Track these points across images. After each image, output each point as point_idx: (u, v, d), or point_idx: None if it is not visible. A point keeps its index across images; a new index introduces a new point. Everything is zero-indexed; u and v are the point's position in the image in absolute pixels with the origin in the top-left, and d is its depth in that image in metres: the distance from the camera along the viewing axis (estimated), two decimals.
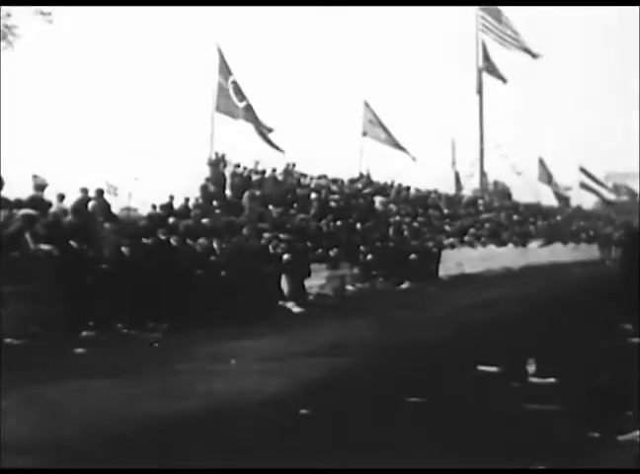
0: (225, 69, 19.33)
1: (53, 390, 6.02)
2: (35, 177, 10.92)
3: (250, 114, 19.43)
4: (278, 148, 20.20)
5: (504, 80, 31.34)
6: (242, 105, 19.21)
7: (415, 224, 20.58)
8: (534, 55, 30.67)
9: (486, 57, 31.04)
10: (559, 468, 4.25)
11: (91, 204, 11.35)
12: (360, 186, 22.32)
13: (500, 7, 30.31)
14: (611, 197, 37.22)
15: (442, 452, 4.44)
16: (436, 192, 26.11)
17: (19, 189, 10.59)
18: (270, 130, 19.78)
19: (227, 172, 17.50)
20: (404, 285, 16.80)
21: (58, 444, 4.59)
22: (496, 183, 34.36)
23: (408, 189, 24.39)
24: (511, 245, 25.23)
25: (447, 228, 22.85)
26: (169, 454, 4.41)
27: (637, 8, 19.31)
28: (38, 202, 10.34)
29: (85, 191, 12.17)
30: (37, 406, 5.57)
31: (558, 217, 31.77)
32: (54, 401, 5.71)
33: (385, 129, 25.91)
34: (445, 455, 4.37)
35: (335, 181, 21.55)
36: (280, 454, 4.40)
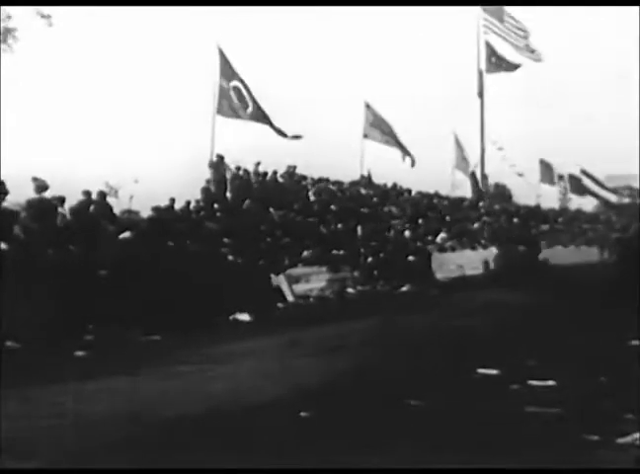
0: (228, 71, 19.25)
1: (54, 392, 6.04)
2: (35, 179, 10.94)
3: (260, 113, 19.25)
4: (287, 135, 19.84)
5: (515, 67, 31.17)
6: (250, 108, 19.07)
7: (415, 227, 20.60)
8: (536, 59, 30.73)
9: (493, 53, 31.00)
10: (559, 468, 4.26)
11: (92, 207, 11.39)
12: (361, 188, 22.35)
13: (503, 6, 30.36)
14: (613, 198, 37.16)
15: (441, 455, 4.45)
16: (437, 194, 26.13)
17: (20, 191, 10.63)
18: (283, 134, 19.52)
19: (228, 174, 17.51)
20: (404, 288, 16.82)
21: (59, 446, 4.61)
22: (497, 185, 34.37)
23: (409, 191, 24.42)
24: None
25: (448, 231, 22.83)
26: (169, 455, 4.44)
27: (637, 8, 19.36)
28: (38, 205, 10.38)
29: (87, 193, 12.19)
30: (37, 408, 5.58)
31: (559, 219, 31.76)
32: (55, 403, 5.73)
33: (388, 130, 25.84)
34: (444, 457, 4.39)
35: (336, 183, 21.58)
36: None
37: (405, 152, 25.87)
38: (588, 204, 36.42)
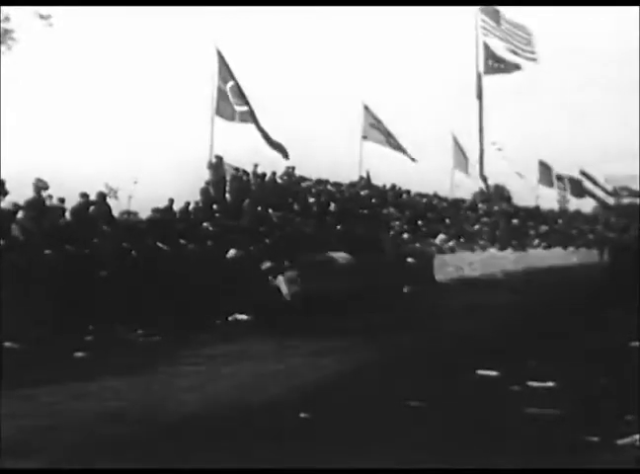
0: (225, 72, 19.23)
1: (54, 392, 6.04)
2: (35, 180, 10.92)
3: (252, 117, 19.29)
4: (283, 152, 19.93)
5: (513, 68, 31.20)
6: (243, 109, 19.10)
7: (414, 228, 20.60)
8: (532, 59, 30.78)
9: (490, 55, 31.02)
10: (559, 468, 4.26)
11: (92, 208, 11.36)
12: (359, 190, 22.34)
13: (501, 8, 30.39)
14: (611, 200, 37.16)
15: (441, 456, 4.45)
16: (436, 195, 26.13)
17: (19, 191, 10.62)
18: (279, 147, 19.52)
19: (227, 175, 17.49)
20: (405, 289, 16.77)
21: (58, 447, 4.60)
22: (496, 186, 34.35)
23: (408, 192, 24.42)
24: (510, 249, 25.20)
25: (447, 232, 22.83)
26: (169, 455, 4.44)
27: (637, 8, 19.38)
28: (39, 205, 10.37)
29: (86, 195, 12.15)
30: (36, 408, 5.58)
31: (559, 221, 31.78)
32: (54, 403, 5.72)
33: (386, 131, 25.82)
34: (444, 458, 4.39)
35: (335, 184, 21.57)
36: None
37: (405, 153, 25.85)
38: (586, 205, 36.42)
